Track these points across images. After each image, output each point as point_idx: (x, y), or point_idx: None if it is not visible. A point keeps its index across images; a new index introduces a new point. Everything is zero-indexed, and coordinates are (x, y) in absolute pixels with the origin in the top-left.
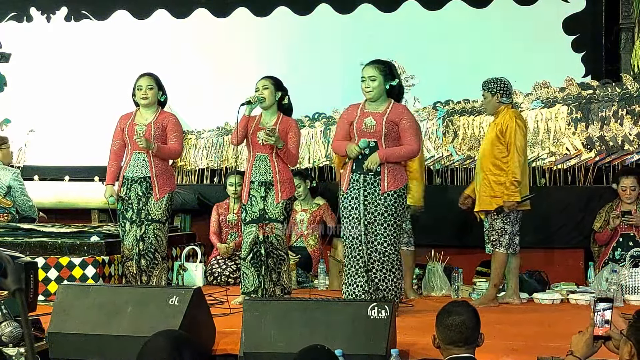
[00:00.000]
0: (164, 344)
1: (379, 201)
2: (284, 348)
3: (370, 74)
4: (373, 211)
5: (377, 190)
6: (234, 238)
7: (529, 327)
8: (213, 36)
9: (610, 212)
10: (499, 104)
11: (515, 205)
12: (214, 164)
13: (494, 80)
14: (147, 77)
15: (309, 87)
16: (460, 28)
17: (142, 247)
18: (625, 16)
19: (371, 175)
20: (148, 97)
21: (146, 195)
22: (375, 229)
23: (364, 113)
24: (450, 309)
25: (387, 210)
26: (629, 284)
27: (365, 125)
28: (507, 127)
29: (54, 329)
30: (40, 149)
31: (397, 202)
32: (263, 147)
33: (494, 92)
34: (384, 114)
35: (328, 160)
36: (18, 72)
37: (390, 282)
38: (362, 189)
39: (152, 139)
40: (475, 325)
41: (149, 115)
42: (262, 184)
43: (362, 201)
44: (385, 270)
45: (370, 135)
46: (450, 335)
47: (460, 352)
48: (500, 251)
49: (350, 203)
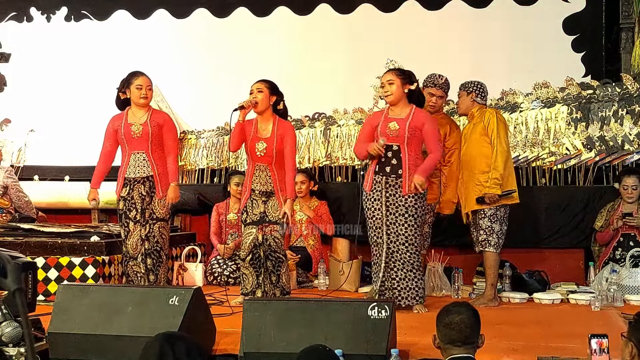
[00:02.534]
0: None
1: (400, 203)
2: (284, 348)
3: (388, 78)
4: (394, 212)
5: (399, 192)
6: (234, 238)
7: (529, 327)
8: (213, 36)
9: (611, 212)
10: (472, 102)
11: (496, 197)
12: (214, 164)
13: (471, 81)
14: (146, 77)
15: (309, 87)
16: (460, 28)
17: (147, 247)
18: (625, 16)
19: (393, 177)
20: (147, 98)
21: (150, 195)
22: (397, 229)
23: (388, 118)
24: (450, 308)
25: (408, 212)
26: (629, 284)
27: (389, 129)
28: (489, 124)
29: (54, 329)
30: (40, 149)
31: (418, 204)
32: (262, 157)
33: (469, 91)
34: (407, 119)
35: (328, 160)
36: (18, 72)
37: (410, 281)
38: (385, 191)
39: (150, 137)
40: (474, 324)
41: (142, 114)
42: (263, 194)
43: (385, 202)
44: (406, 270)
45: (394, 139)
46: (450, 334)
47: (460, 352)
48: (490, 251)
49: (373, 204)
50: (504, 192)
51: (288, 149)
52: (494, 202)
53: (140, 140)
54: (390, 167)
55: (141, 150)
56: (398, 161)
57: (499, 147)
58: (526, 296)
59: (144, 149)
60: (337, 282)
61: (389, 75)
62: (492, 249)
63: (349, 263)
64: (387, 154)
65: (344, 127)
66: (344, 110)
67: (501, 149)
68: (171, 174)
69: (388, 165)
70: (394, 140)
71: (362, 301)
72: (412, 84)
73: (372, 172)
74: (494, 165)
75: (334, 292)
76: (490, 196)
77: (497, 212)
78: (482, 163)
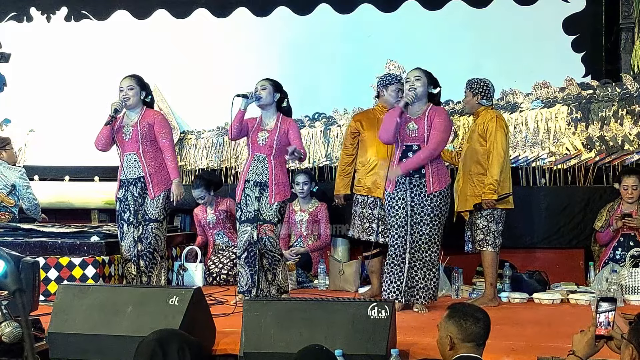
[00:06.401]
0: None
1: (425, 202)
2: (284, 348)
3: (416, 74)
4: (419, 212)
5: (423, 192)
6: (222, 236)
7: (529, 327)
8: (213, 36)
9: (611, 212)
10: (478, 104)
11: (493, 203)
12: (214, 164)
13: (477, 80)
14: (128, 78)
15: (309, 87)
16: (460, 28)
17: (140, 248)
18: (625, 16)
19: (417, 177)
20: (129, 98)
21: (142, 196)
22: (420, 229)
23: (407, 118)
24: (467, 309)
25: (433, 211)
26: (629, 284)
27: (408, 129)
28: (488, 127)
29: (54, 329)
30: (40, 149)
31: (442, 203)
32: (262, 147)
33: (475, 92)
34: (424, 118)
35: (328, 160)
36: (18, 72)
37: (429, 281)
38: (409, 191)
39: (139, 137)
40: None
41: (135, 115)
42: (257, 184)
43: (409, 202)
44: (427, 269)
45: (414, 140)
46: (477, 331)
47: (474, 352)
48: (488, 250)
49: (397, 203)
50: (500, 196)
51: (293, 136)
52: (491, 207)
53: (131, 141)
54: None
55: (132, 152)
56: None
57: (495, 152)
58: (526, 296)
59: (134, 150)
60: (337, 282)
61: (417, 72)
62: (490, 248)
63: (349, 263)
64: (408, 154)
65: (344, 127)
66: (344, 110)
67: (497, 154)
68: (171, 171)
69: None
70: (414, 140)
71: (362, 301)
72: (436, 87)
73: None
74: (489, 172)
75: (334, 292)
76: (487, 202)
77: (493, 212)
78: (477, 164)
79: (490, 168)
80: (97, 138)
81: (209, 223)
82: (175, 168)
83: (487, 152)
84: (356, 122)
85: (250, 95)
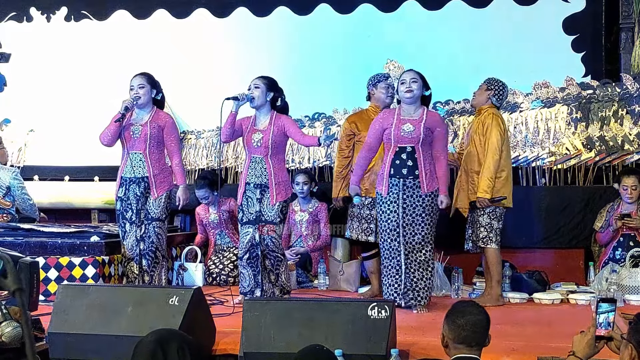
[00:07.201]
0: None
1: (417, 203)
2: (284, 348)
3: (412, 77)
4: (412, 213)
5: (417, 193)
6: (223, 236)
7: (529, 327)
8: (213, 36)
9: (611, 212)
10: (487, 100)
11: (486, 202)
12: (214, 164)
13: (497, 80)
14: (138, 76)
15: (309, 87)
16: (460, 28)
17: (142, 247)
18: (625, 16)
19: (410, 179)
20: (140, 96)
21: (145, 195)
22: (414, 229)
23: (401, 120)
24: (465, 308)
25: (425, 211)
26: (629, 284)
27: (403, 131)
28: (486, 125)
29: (54, 329)
30: (40, 149)
31: (434, 203)
32: (258, 149)
33: (490, 87)
34: (421, 120)
35: (328, 160)
36: (18, 72)
37: (426, 281)
38: (402, 192)
39: (149, 138)
40: (487, 325)
41: (145, 115)
42: (258, 186)
43: (401, 204)
44: (422, 269)
45: (409, 141)
46: (464, 334)
47: (470, 353)
48: (492, 247)
49: (389, 207)
50: (495, 198)
51: (292, 130)
52: (484, 206)
53: (139, 140)
54: (407, 169)
55: (138, 151)
56: (414, 162)
57: (490, 152)
58: (526, 296)
59: (141, 149)
60: (337, 282)
61: (412, 74)
62: (494, 245)
63: (348, 263)
64: (401, 155)
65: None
66: (344, 110)
67: (492, 154)
68: (178, 176)
69: (404, 167)
70: (409, 142)
71: (362, 301)
72: (428, 90)
73: (387, 175)
74: (483, 170)
75: (334, 292)
76: (481, 201)
77: (496, 210)
78: (474, 161)
79: (484, 166)
80: (103, 133)
81: (211, 223)
82: (183, 173)
83: (484, 149)
84: (351, 124)
85: (241, 97)
